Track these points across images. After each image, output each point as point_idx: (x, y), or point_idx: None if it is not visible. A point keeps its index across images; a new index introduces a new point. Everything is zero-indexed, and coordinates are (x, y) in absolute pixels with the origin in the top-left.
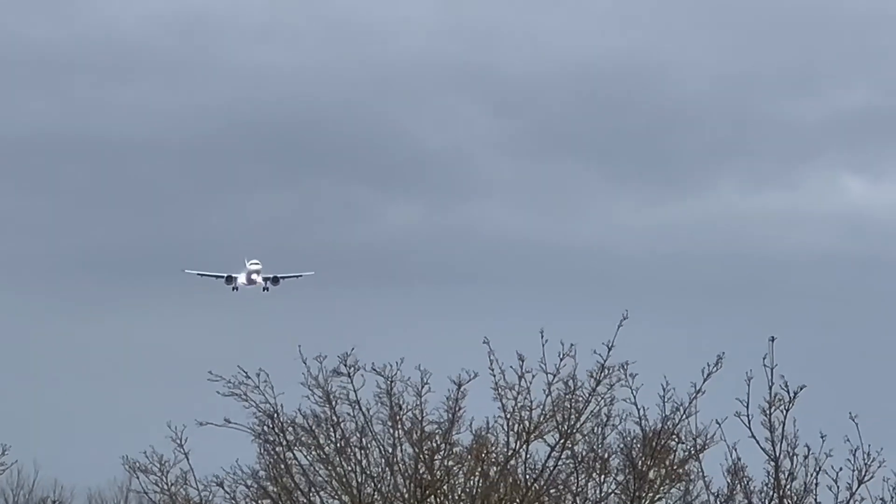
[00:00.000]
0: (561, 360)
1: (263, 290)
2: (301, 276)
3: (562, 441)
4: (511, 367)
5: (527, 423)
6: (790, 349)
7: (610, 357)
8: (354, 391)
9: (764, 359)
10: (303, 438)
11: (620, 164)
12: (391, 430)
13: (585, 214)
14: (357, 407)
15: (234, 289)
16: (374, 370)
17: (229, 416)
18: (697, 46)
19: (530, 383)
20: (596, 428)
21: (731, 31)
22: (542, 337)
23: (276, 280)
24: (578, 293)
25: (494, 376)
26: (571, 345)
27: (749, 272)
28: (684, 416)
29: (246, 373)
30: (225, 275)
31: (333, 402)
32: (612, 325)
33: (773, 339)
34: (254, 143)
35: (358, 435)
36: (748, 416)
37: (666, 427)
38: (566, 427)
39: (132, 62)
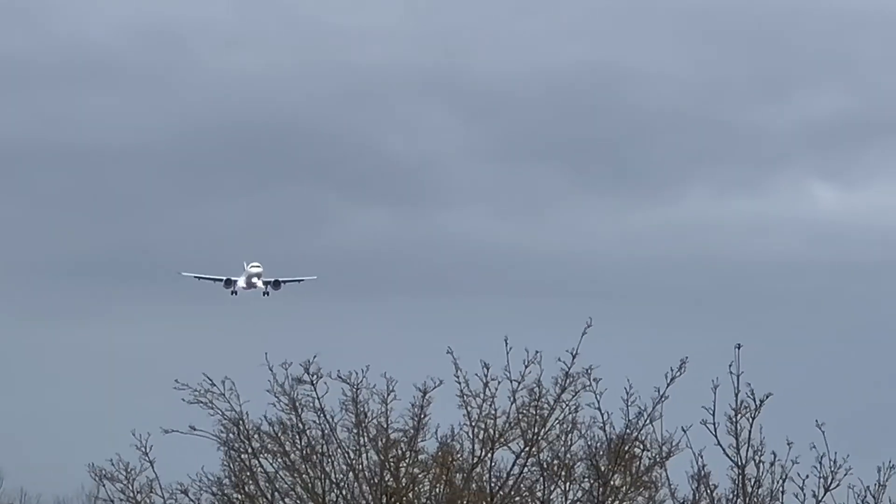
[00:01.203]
0: (526, 367)
1: (263, 294)
2: (303, 280)
3: (527, 448)
4: (476, 374)
5: (492, 430)
6: (757, 356)
7: (574, 364)
8: (318, 398)
9: (730, 366)
10: (268, 446)
11: (591, 172)
12: (356, 438)
13: (555, 222)
14: (322, 414)
15: (232, 293)
16: (340, 377)
17: (195, 423)
18: (668, 54)
19: (495, 391)
20: (561, 435)
21: (701, 39)
22: (507, 344)
23: (277, 284)
24: (544, 300)
25: (459, 384)
26: (536, 352)
27: (717, 279)
28: (648, 421)
29: (211, 381)
30: (224, 278)
31: (299, 410)
32: (577, 333)
33: (738, 347)
34: (223, 150)
35: (323, 442)
36: (714, 423)
37: (630, 432)
38: (531, 434)
39: (104, 71)
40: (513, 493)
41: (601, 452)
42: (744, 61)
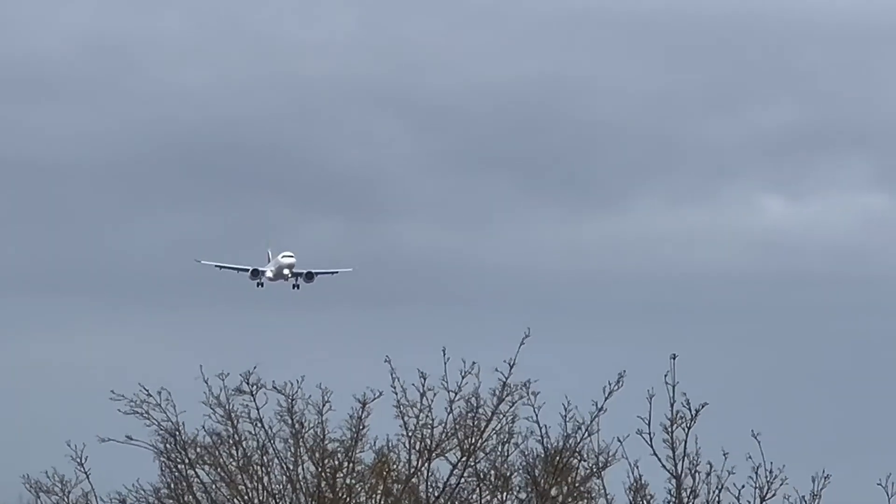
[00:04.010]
0: (463, 378)
1: (294, 287)
2: (337, 272)
3: (464, 459)
4: (413, 384)
5: (429, 440)
6: (697, 366)
7: (513, 375)
8: (257, 409)
9: (665, 376)
10: (205, 457)
11: (539, 184)
12: (293, 448)
13: (502, 233)
14: (259, 425)
15: (258, 284)
16: (276, 388)
17: (132, 434)
18: (616, 67)
19: (432, 401)
20: (498, 446)
21: (650, 51)
22: (445, 355)
23: (310, 276)
24: (487, 311)
25: (396, 394)
26: (473, 363)
27: (662, 290)
28: (586, 435)
29: (147, 391)
30: (250, 268)
31: (235, 421)
32: (517, 344)
33: (674, 357)
34: (173, 163)
35: (260, 453)
36: (650, 433)
37: (568, 445)
38: (468, 445)
39: (53, 83)
40: (450, 503)
41: (538, 463)
42: (693, 73)
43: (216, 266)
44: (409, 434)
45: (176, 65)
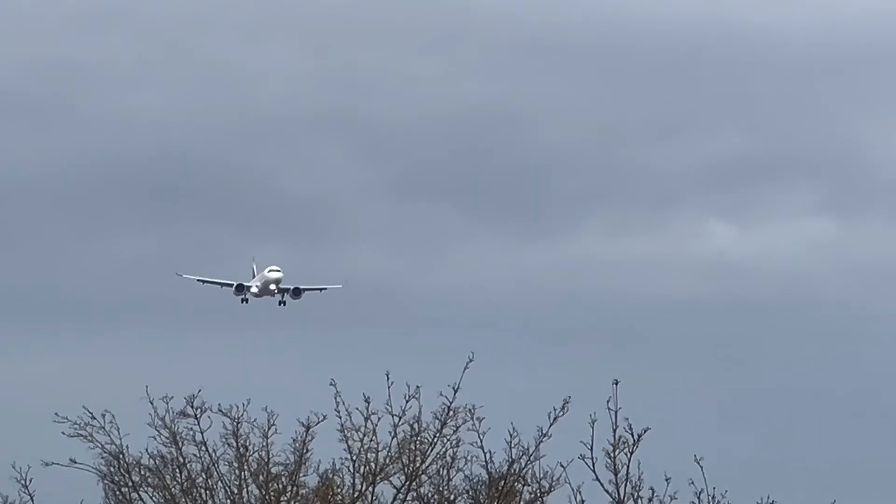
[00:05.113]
0: (407, 401)
1: (280, 303)
2: (326, 288)
3: (407, 483)
4: (357, 408)
5: (373, 464)
6: (639, 392)
7: (456, 399)
8: (201, 432)
9: (608, 402)
10: (149, 479)
11: (487, 210)
12: (237, 472)
13: (449, 258)
14: (203, 448)
15: (243, 300)
16: (221, 411)
17: (76, 457)
18: (566, 93)
19: (376, 425)
20: (442, 470)
21: (597, 78)
22: (388, 379)
23: (297, 292)
24: (432, 336)
25: (340, 418)
26: (417, 386)
27: (607, 316)
28: (530, 461)
29: (91, 413)
30: (234, 283)
31: (180, 443)
32: (462, 368)
33: (616, 383)
34: (122, 188)
35: (204, 476)
36: (592, 458)
37: (512, 470)
38: (412, 469)
39: (6, 107)
40: None
41: (482, 488)
42: (640, 101)
43: (198, 280)
44: (354, 458)
45: (125, 89)
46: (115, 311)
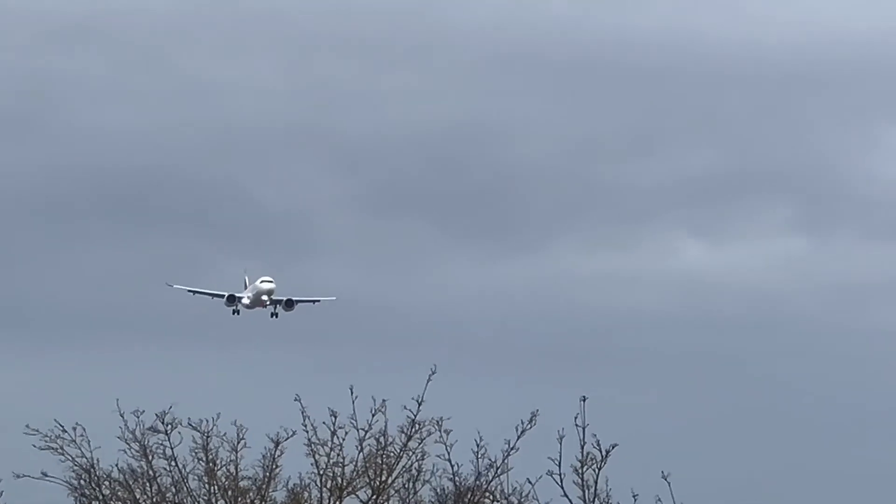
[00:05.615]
0: (373, 415)
1: (272, 315)
2: (319, 300)
3: (374, 497)
4: (324, 422)
5: (340, 478)
6: (608, 408)
7: (422, 412)
8: (171, 448)
9: (576, 418)
10: (119, 493)
11: (460, 225)
12: (206, 486)
13: (421, 273)
14: (174, 462)
15: (234, 311)
16: (191, 425)
17: (48, 469)
18: (539, 110)
19: (343, 439)
20: (408, 483)
21: (571, 94)
22: (353, 393)
23: (290, 304)
24: (401, 350)
25: (307, 432)
26: (383, 400)
27: (578, 331)
28: (497, 473)
29: (62, 427)
30: (226, 293)
31: (150, 457)
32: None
33: (584, 399)
34: (94, 201)
35: (174, 490)
36: (560, 474)
37: (479, 483)
38: (378, 483)
39: None
40: None
41: (449, 501)
42: (614, 117)
43: (189, 291)
44: (321, 472)
45: (100, 103)
46: (87, 323)
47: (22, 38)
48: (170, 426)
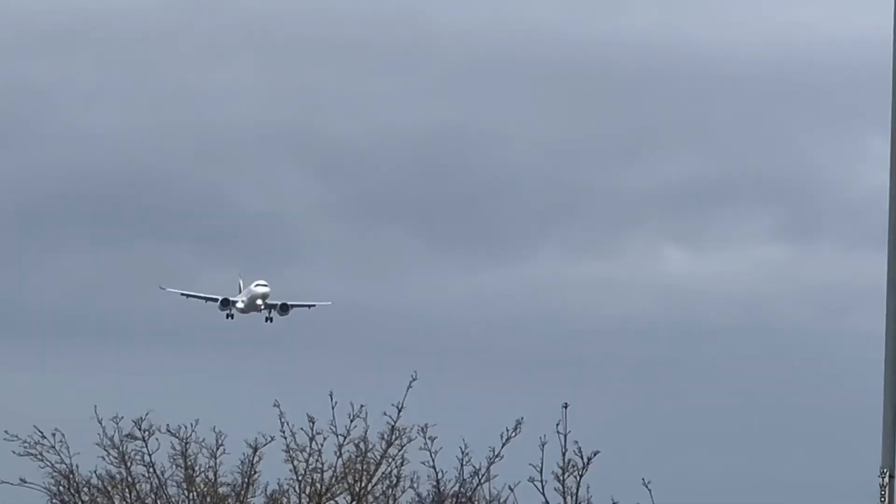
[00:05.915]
0: (352, 421)
1: (266, 320)
2: (315, 305)
3: (354, 502)
4: (302, 428)
5: (318, 485)
6: (591, 415)
7: (403, 419)
8: (149, 454)
9: (557, 425)
10: (98, 499)
11: (444, 231)
12: (185, 493)
13: (404, 280)
14: (152, 469)
15: (228, 315)
16: (169, 431)
17: (26, 475)
18: (523, 115)
19: (322, 445)
20: (388, 490)
21: (555, 100)
22: (332, 399)
23: (285, 308)
24: (384, 358)
25: (286, 438)
26: (361, 406)
27: (562, 338)
28: (482, 482)
29: (42, 432)
30: (220, 297)
31: (128, 463)
32: (413, 389)
33: (566, 406)
34: (75, 205)
35: (153, 496)
36: (542, 481)
37: (462, 491)
38: (358, 489)
39: None
40: None
41: None
42: (597, 123)
43: (182, 294)
44: (300, 478)
45: (82, 107)
46: (66, 328)
47: (6, 42)
48: (147, 433)
